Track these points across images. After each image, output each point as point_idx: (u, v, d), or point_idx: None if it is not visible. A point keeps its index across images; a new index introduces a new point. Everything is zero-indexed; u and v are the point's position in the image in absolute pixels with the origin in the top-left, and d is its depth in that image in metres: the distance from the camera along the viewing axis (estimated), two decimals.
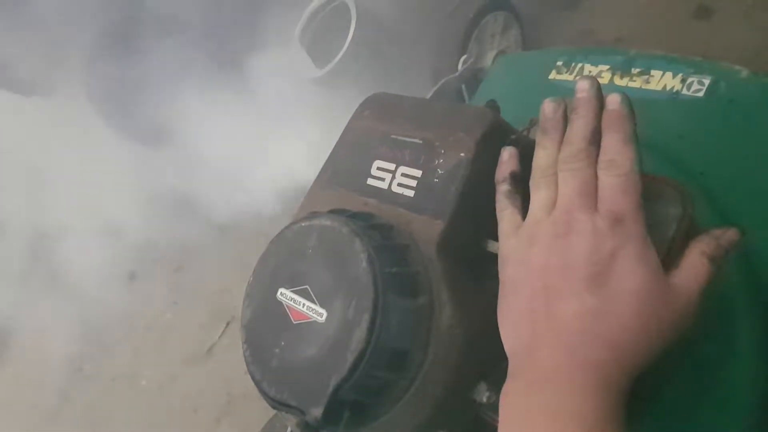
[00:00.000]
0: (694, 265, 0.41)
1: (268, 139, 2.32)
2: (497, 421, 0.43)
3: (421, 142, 0.50)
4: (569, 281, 0.41)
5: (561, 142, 0.45)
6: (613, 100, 0.43)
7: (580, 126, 0.43)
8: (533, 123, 0.49)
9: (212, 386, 2.15)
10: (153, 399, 2.33)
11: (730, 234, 0.42)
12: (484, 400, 0.46)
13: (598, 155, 0.43)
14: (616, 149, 0.42)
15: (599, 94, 0.44)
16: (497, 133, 0.49)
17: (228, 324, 2.24)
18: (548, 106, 0.46)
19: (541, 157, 0.46)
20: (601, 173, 0.42)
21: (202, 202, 2.49)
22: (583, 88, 0.44)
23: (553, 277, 0.42)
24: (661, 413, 0.52)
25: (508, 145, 0.48)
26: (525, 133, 0.51)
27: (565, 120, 0.45)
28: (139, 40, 2.34)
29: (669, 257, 0.42)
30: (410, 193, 0.49)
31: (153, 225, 2.65)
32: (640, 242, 0.40)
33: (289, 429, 0.48)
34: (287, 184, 2.15)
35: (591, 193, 0.42)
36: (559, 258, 0.42)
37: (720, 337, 0.54)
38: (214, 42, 2.39)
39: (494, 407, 0.44)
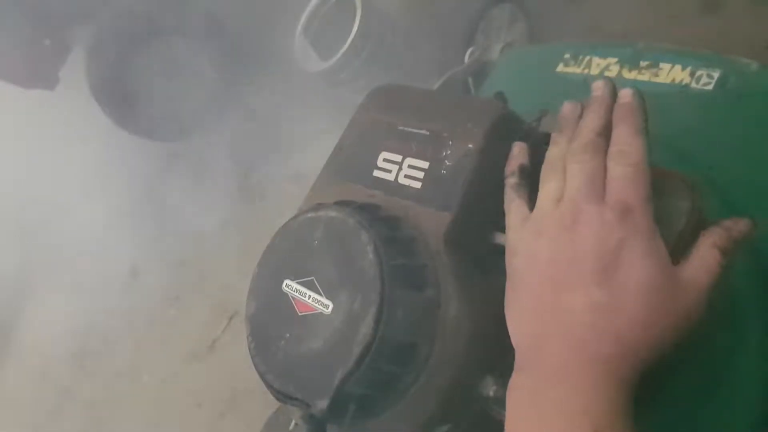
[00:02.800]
0: (705, 258, 0.41)
1: (270, 132, 2.32)
2: (503, 416, 0.43)
3: (428, 133, 0.50)
4: (576, 274, 0.41)
5: None
6: (625, 94, 0.43)
7: (590, 120, 0.44)
8: (543, 114, 0.49)
9: (215, 381, 2.15)
10: (156, 394, 2.33)
11: (741, 225, 0.42)
12: (491, 393, 0.45)
13: (607, 148, 0.43)
14: (625, 140, 0.42)
15: (613, 93, 0.45)
16: (506, 125, 0.48)
17: (231, 319, 2.24)
18: (567, 107, 0.47)
19: (552, 152, 0.46)
20: (610, 163, 0.42)
21: (204, 197, 2.49)
22: (598, 86, 0.45)
23: (560, 269, 0.41)
24: (669, 407, 0.51)
25: (520, 139, 0.48)
26: (534, 125, 0.50)
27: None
28: (140, 34, 2.35)
29: (678, 250, 0.41)
30: (417, 184, 0.49)
31: (155, 220, 2.65)
32: (648, 234, 0.40)
33: (293, 422, 0.48)
34: (293, 177, 2.15)
35: (599, 185, 0.41)
36: (566, 250, 0.41)
37: (728, 331, 0.54)
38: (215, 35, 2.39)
39: (500, 401, 0.44)
